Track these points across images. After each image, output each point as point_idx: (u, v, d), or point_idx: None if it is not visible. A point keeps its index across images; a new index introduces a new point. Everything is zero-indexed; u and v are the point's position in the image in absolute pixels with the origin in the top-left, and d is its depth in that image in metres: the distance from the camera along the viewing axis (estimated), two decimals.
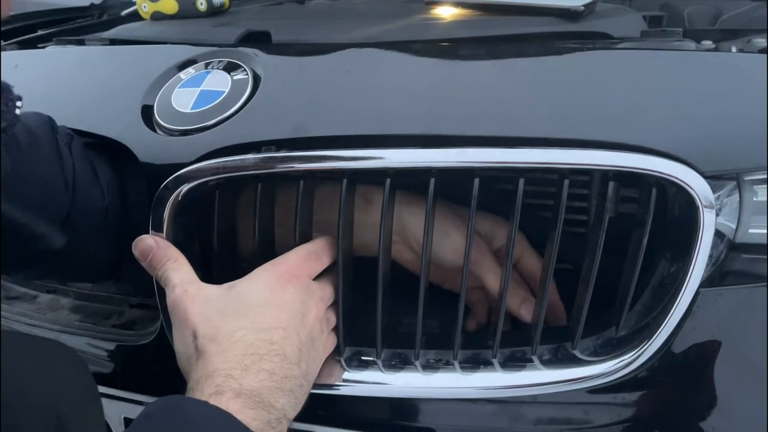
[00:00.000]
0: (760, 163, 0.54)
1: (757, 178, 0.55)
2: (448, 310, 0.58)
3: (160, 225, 0.57)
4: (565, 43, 0.68)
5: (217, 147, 0.58)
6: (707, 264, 0.54)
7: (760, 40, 0.63)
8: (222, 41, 0.73)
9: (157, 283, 0.57)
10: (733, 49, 0.63)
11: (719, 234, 0.54)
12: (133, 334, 0.68)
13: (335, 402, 0.60)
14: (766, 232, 0.55)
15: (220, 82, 0.64)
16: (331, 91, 0.63)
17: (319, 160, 0.55)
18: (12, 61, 0.79)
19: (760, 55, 0.60)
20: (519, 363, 0.58)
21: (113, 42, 0.83)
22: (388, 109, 0.60)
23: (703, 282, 0.55)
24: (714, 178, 0.53)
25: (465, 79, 0.63)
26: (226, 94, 0.62)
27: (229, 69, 0.65)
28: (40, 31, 0.99)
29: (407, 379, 0.58)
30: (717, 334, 0.56)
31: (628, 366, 0.56)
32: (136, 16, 0.92)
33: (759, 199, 0.55)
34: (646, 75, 0.60)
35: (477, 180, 0.54)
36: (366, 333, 0.60)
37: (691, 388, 0.57)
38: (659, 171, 0.52)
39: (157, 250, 0.56)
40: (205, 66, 0.67)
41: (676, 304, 0.55)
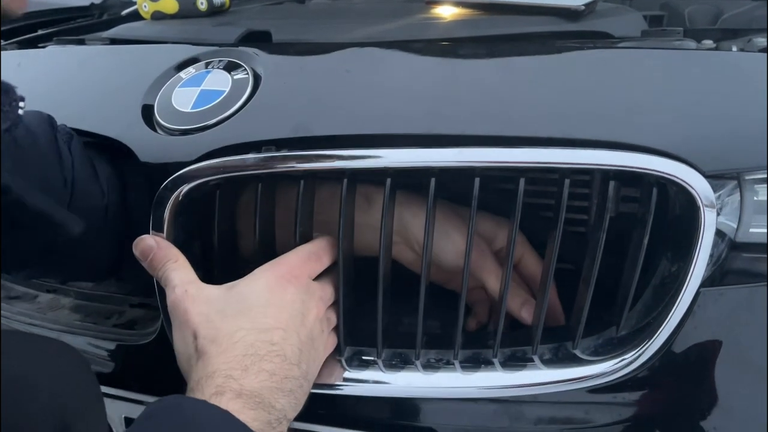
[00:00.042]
0: (761, 163, 0.54)
1: (758, 177, 0.55)
2: (449, 310, 0.58)
3: (161, 225, 0.57)
4: (565, 43, 0.68)
5: (218, 147, 0.58)
6: (708, 263, 0.54)
7: (761, 40, 0.63)
8: (222, 41, 0.73)
9: (157, 283, 0.57)
10: (734, 49, 0.63)
11: (720, 233, 0.54)
12: (134, 334, 0.68)
13: (336, 402, 0.60)
14: (767, 231, 0.55)
15: (220, 81, 0.64)
16: (332, 90, 0.63)
17: (319, 160, 0.55)
18: (14, 61, 0.79)
19: (761, 55, 0.60)
20: (520, 362, 0.58)
21: (113, 42, 0.83)
22: (388, 108, 0.60)
23: (704, 281, 0.55)
24: (715, 178, 0.53)
25: (465, 78, 0.63)
26: (226, 93, 0.62)
27: (230, 68, 0.65)
28: (41, 31, 0.99)
29: (408, 378, 0.58)
30: (718, 333, 0.56)
31: (628, 365, 0.56)
32: (136, 16, 0.91)
33: (759, 198, 0.55)
34: (646, 74, 0.60)
35: (477, 180, 0.54)
36: (367, 333, 0.60)
37: (691, 387, 0.57)
38: (660, 170, 0.52)
39: (158, 251, 0.56)
40: (205, 65, 0.67)
41: (676, 304, 0.55)
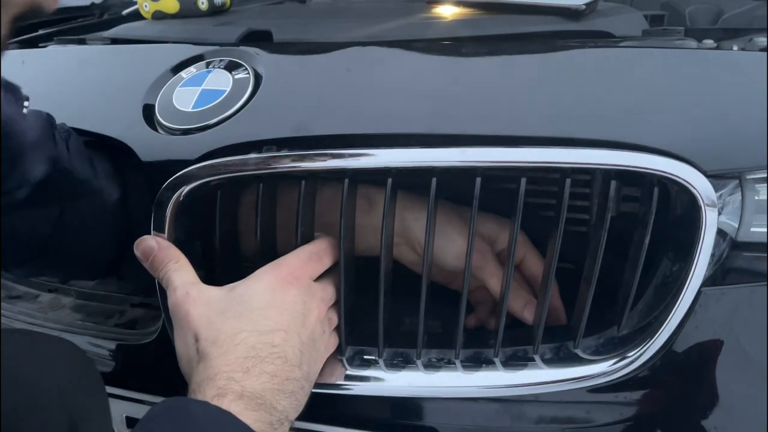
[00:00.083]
0: (762, 162, 0.54)
1: (759, 176, 0.55)
2: (450, 309, 0.58)
3: (162, 225, 0.57)
4: (566, 42, 0.68)
5: (219, 146, 0.58)
6: (709, 263, 0.54)
7: (762, 39, 0.63)
8: (223, 40, 0.73)
9: (159, 283, 0.57)
10: (735, 48, 0.63)
11: (721, 233, 0.54)
12: (135, 334, 0.68)
13: (337, 401, 0.60)
14: (767, 230, 0.55)
15: (221, 81, 0.64)
16: (333, 90, 0.63)
17: (319, 159, 0.55)
18: (17, 59, 0.79)
19: (762, 54, 0.60)
20: (521, 362, 0.58)
21: (114, 41, 0.83)
22: (389, 108, 0.60)
23: (705, 281, 0.55)
24: (716, 177, 0.53)
25: (466, 78, 0.63)
26: (227, 93, 0.62)
27: (231, 68, 0.65)
28: (41, 31, 0.99)
29: (409, 378, 0.58)
30: (719, 333, 0.56)
31: (629, 365, 0.56)
32: (137, 16, 0.91)
33: (760, 197, 0.55)
34: (647, 74, 0.60)
35: (479, 179, 0.54)
36: (368, 332, 0.60)
37: (692, 387, 0.57)
38: (661, 170, 0.52)
39: (159, 251, 0.56)
40: (206, 65, 0.67)
41: (678, 303, 0.55)
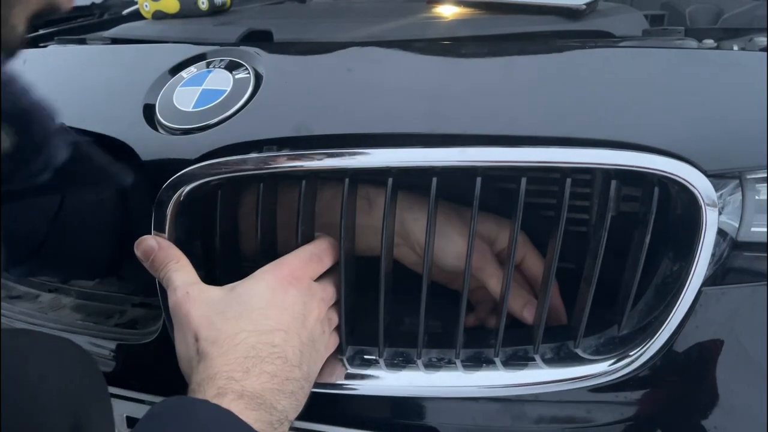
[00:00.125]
0: (762, 162, 0.54)
1: (759, 176, 0.55)
2: (450, 309, 0.58)
3: (162, 225, 0.57)
4: (566, 42, 0.68)
5: (219, 146, 0.58)
6: (710, 262, 0.54)
7: (762, 39, 0.63)
8: (223, 40, 0.73)
9: (159, 283, 0.57)
10: (735, 48, 0.63)
11: (722, 232, 0.54)
12: (136, 333, 0.68)
13: (338, 401, 0.60)
14: (767, 230, 0.55)
15: (221, 81, 0.64)
16: (333, 89, 0.63)
17: (319, 158, 0.55)
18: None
19: (762, 54, 0.60)
20: (521, 362, 0.58)
21: (114, 41, 0.83)
22: (389, 107, 0.60)
23: (706, 281, 0.55)
24: (717, 177, 0.53)
25: (467, 77, 0.63)
26: (227, 93, 0.62)
27: (231, 68, 0.65)
28: (41, 30, 0.99)
29: (409, 377, 0.58)
30: (719, 332, 0.56)
31: (630, 365, 0.56)
32: (137, 15, 0.91)
33: (760, 197, 0.55)
34: (647, 74, 0.60)
35: (479, 179, 0.54)
36: (368, 332, 0.60)
37: (693, 386, 0.57)
38: (662, 170, 0.52)
39: (159, 251, 0.55)
40: (206, 65, 0.67)
41: (678, 303, 0.55)
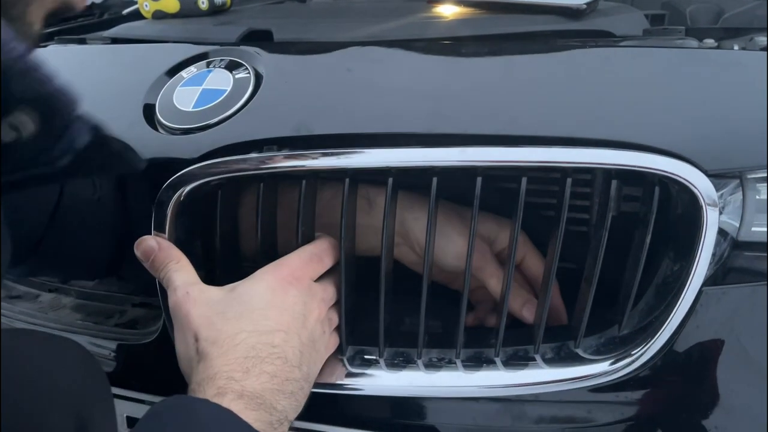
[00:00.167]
0: (763, 161, 0.54)
1: (760, 176, 0.55)
2: (450, 309, 0.58)
3: (162, 225, 0.57)
4: (567, 42, 0.67)
5: (219, 146, 0.58)
6: (710, 262, 0.54)
7: (762, 39, 0.63)
8: (224, 40, 0.73)
9: (159, 283, 0.57)
10: (736, 48, 0.63)
11: (722, 232, 0.54)
12: (136, 333, 0.68)
13: (338, 400, 0.60)
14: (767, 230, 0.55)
15: (221, 80, 0.64)
16: (333, 89, 0.63)
17: (319, 158, 0.55)
18: None
19: (762, 53, 0.60)
20: (521, 361, 0.58)
21: (114, 41, 0.83)
22: (389, 107, 0.60)
23: (706, 280, 0.55)
24: (717, 177, 0.53)
25: (467, 77, 0.63)
26: (227, 92, 0.62)
27: (231, 68, 0.65)
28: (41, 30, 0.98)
29: (410, 377, 0.58)
30: (720, 332, 0.56)
31: (630, 364, 0.56)
32: (137, 15, 0.91)
33: (761, 197, 0.55)
34: (648, 73, 0.60)
35: (479, 179, 0.54)
36: (368, 332, 0.60)
37: (693, 386, 0.57)
38: (662, 169, 0.52)
39: (159, 252, 0.55)
40: (206, 65, 0.67)
41: (679, 303, 0.55)
